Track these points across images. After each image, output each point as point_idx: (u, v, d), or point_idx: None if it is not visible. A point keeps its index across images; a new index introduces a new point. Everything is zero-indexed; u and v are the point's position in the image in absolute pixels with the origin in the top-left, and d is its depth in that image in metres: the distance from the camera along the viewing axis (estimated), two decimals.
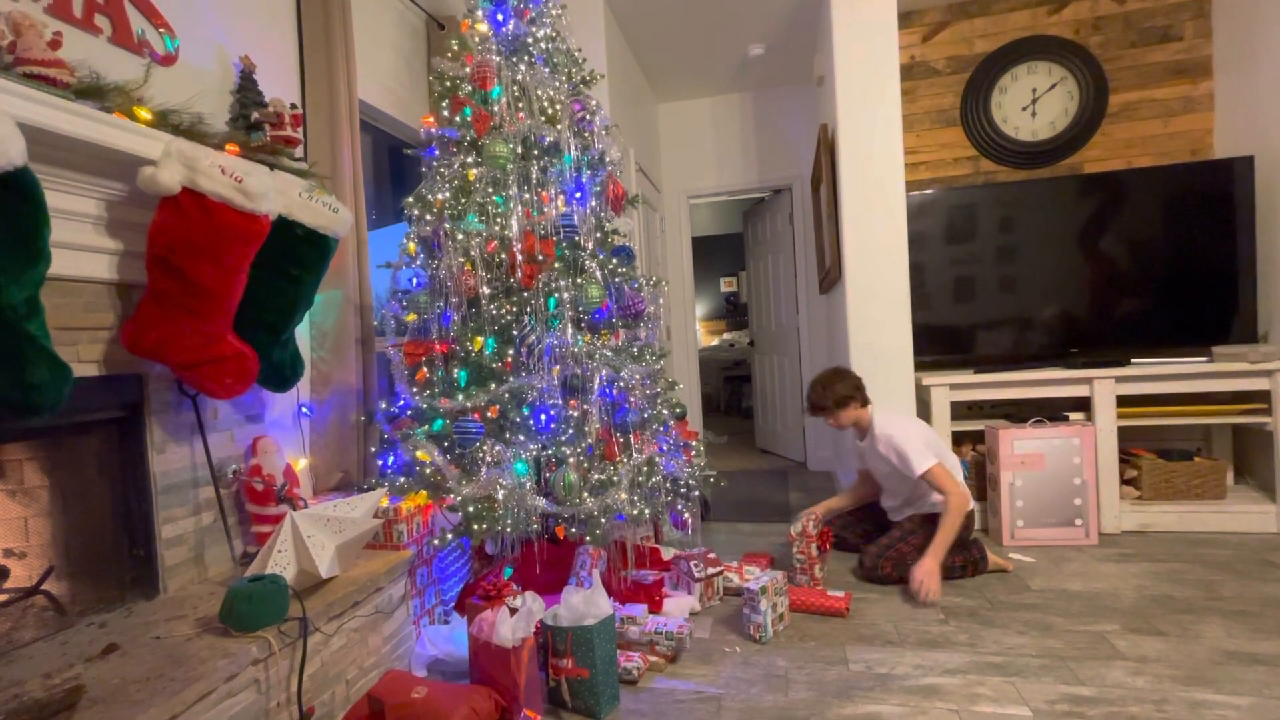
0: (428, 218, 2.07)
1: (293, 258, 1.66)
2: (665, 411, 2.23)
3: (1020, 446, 2.67)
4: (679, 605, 2.14)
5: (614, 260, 2.15)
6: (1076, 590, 2.18)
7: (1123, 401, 2.75)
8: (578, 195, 2.12)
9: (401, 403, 2.04)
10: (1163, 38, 3.10)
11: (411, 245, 2.11)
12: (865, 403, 2.45)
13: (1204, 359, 2.74)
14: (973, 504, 2.31)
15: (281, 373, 1.73)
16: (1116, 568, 2.36)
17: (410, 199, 2.11)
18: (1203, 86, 3.07)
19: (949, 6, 3.28)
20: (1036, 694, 1.60)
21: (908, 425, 2.36)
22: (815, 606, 2.09)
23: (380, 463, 2.06)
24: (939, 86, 3.32)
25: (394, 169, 2.89)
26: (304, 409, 2.03)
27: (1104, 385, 2.72)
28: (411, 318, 2.08)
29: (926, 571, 2.12)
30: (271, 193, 1.48)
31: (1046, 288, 2.94)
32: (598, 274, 2.03)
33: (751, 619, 1.94)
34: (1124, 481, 2.82)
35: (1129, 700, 1.55)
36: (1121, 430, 2.76)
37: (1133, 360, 2.80)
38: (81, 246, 1.37)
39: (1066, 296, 2.92)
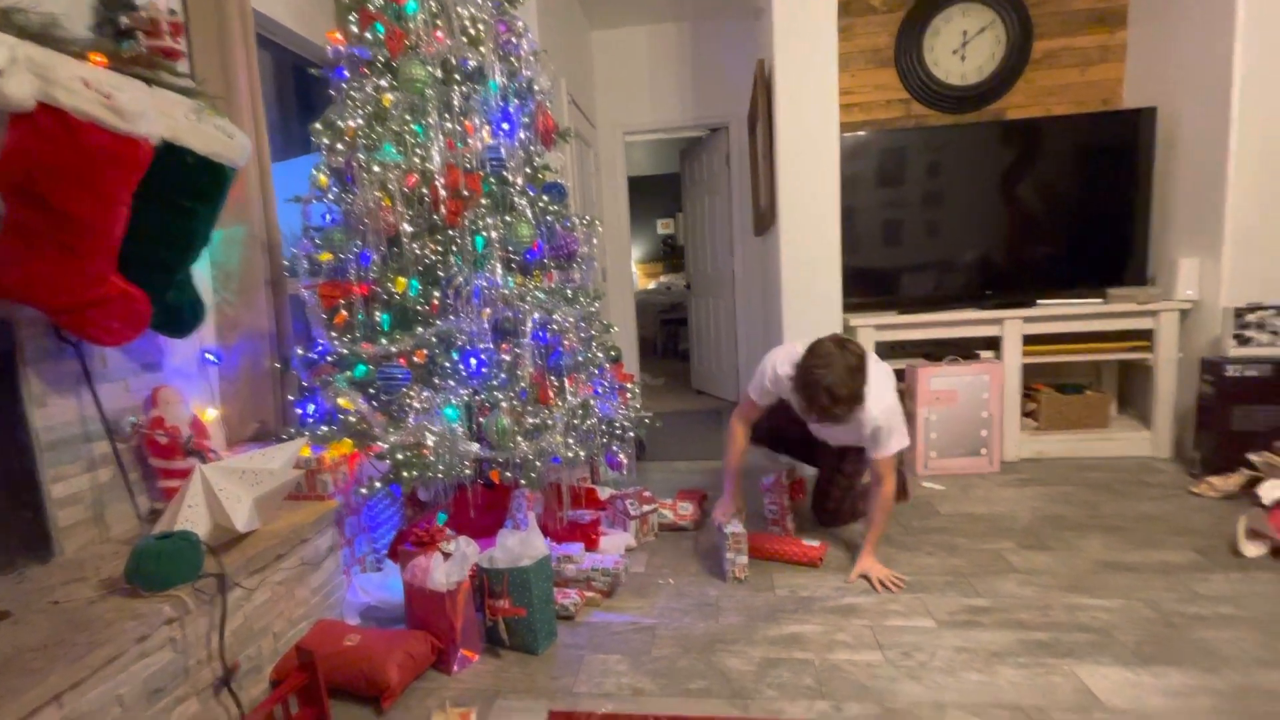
0: (339, 147, 1.91)
1: (184, 189, 1.49)
2: (600, 354, 2.21)
3: (936, 384, 2.83)
4: (615, 543, 2.19)
5: (545, 198, 2.06)
6: (980, 514, 2.38)
7: (1028, 340, 2.94)
8: (505, 126, 1.99)
9: (319, 348, 1.92)
10: None
11: (322, 177, 1.94)
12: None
13: (1100, 300, 2.95)
14: None
15: (180, 316, 1.59)
16: (1015, 492, 2.58)
17: (318, 125, 1.93)
18: (1118, 36, 3.18)
19: None
20: (940, 607, 1.75)
21: (894, 399, 1.93)
22: (790, 555, 2.05)
23: (300, 411, 1.96)
24: (875, 25, 3.29)
25: (300, 92, 2.62)
26: (209, 356, 1.88)
27: (1013, 325, 2.90)
28: (326, 257, 1.94)
29: (873, 569, 1.92)
30: (150, 112, 1.31)
31: (967, 232, 3.05)
32: (528, 212, 1.94)
33: (736, 561, 1.96)
34: (1024, 414, 3.06)
35: (1018, 608, 1.72)
36: (1025, 367, 2.96)
37: (1039, 301, 2.98)
38: None
39: (984, 240, 3.05)
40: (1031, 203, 3.01)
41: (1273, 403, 2.46)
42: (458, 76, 1.96)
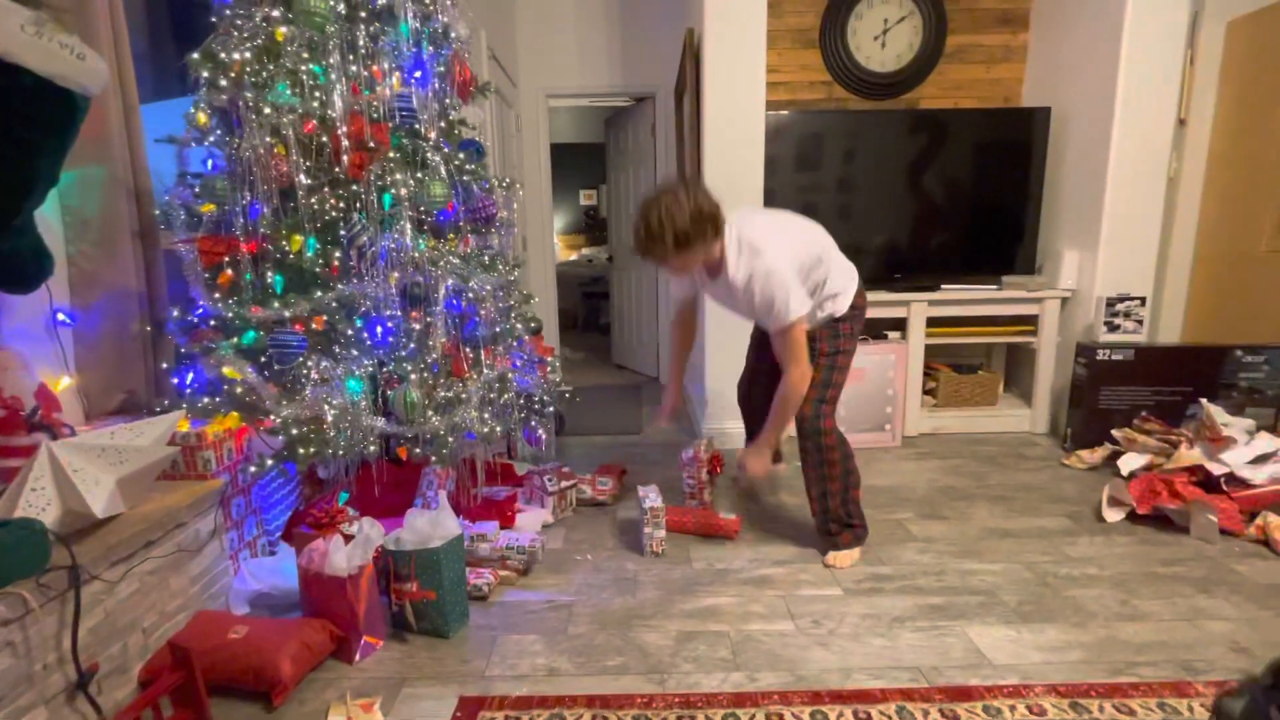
0: (222, 83, 1.68)
1: (21, 116, 1.25)
2: (520, 326, 2.11)
3: None
4: (532, 519, 2.13)
5: (461, 155, 1.92)
6: (883, 485, 2.51)
7: (931, 322, 3.11)
8: (417, 75, 1.83)
9: (200, 310, 1.72)
10: None
11: (202, 116, 1.71)
12: (719, 232, 1.65)
13: (995, 287, 3.16)
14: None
15: (19, 268, 1.35)
16: (914, 465, 2.74)
17: (196, 56, 1.69)
18: (1020, 37, 3.37)
19: None
20: (847, 575, 1.83)
21: (782, 253, 1.66)
22: (707, 528, 2.07)
23: (176, 381, 1.75)
24: (803, 5, 3.30)
25: (177, 21, 2.30)
26: (61, 317, 1.64)
27: (918, 308, 3.05)
28: (209, 208, 1.72)
29: (751, 465, 1.88)
30: None
31: (880, 217, 3.17)
32: (442, 170, 1.80)
33: (654, 535, 1.95)
34: (924, 392, 3.25)
35: (917, 574, 1.83)
36: (927, 347, 3.14)
37: (942, 286, 3.16)
38: None
39: (895, 226, 3.18)
40: (936, 192, 3.16)
41: (1135, 384, 2.74)
42: (363, 14, 1.77)
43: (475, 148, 1.97)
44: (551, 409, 2.24)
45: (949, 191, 3.15)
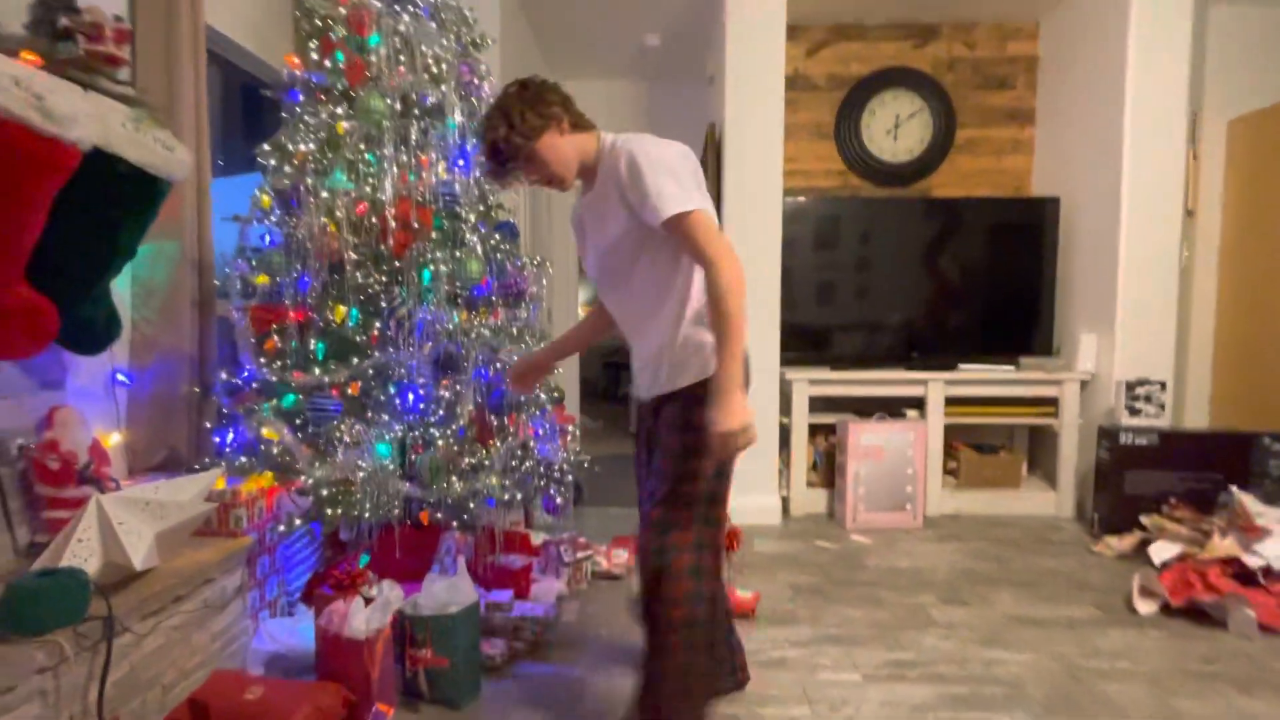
0: (287, 169, 1.86)
1: (112, 199, 1.41)
2: (543, 395, 2.19)
3: (866, 439, 2.95)
4: (546, 590, 2.13)
5: (497, 235, 2.07)
6: (903, 567, 2.46)
7: (950, 401, 3.13)
8: (460, 163, 2.00)
9: (245, 373, 1.82)
10: (1001, 85, 3.53)
11: (266, 198, 1.89)
12: (582, 124, 1.33)
13: (1013, 368, 3.19)
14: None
15: (91, 332, 1.48)
16: (935, 547, 2.69)
17: (266, 146, 1.88)
18: (1028, 132, 3.55)
19: (832, 27, 3.50)
20: (867, 660, 1.78)
21: (673, 149, 1.26)
22: None
23: (217, 440, 1.83)
24: (818, 101, 3.54)
25: (247, 110, 2.56)
26: (121, 377, 1.75)
27: (936, 387, 3.08)
28: (262, 279, 1.86)
29: (721, 419, 1.15)
30: (83, 117, 1.24)
31: (894, 297, 3.25)
32: (479, 249, 1.94)
33: None
34: (946, 471, 3.22)
35: (939, 661, 1.78)
36: (947, 426, 3.14)
37: (960, 366, 3.19)
38: None
39: (910, 306, 3.26)
40: (952, 274, 3.25)
41: (1161, 469, 2.69)
42: (417, 111, 1.96)
43: (510, 229, 2.12)
44: (570, 478, 2.27)
45: (964, 274, 3.24)
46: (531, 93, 1.29)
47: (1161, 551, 2.30)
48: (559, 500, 2.31)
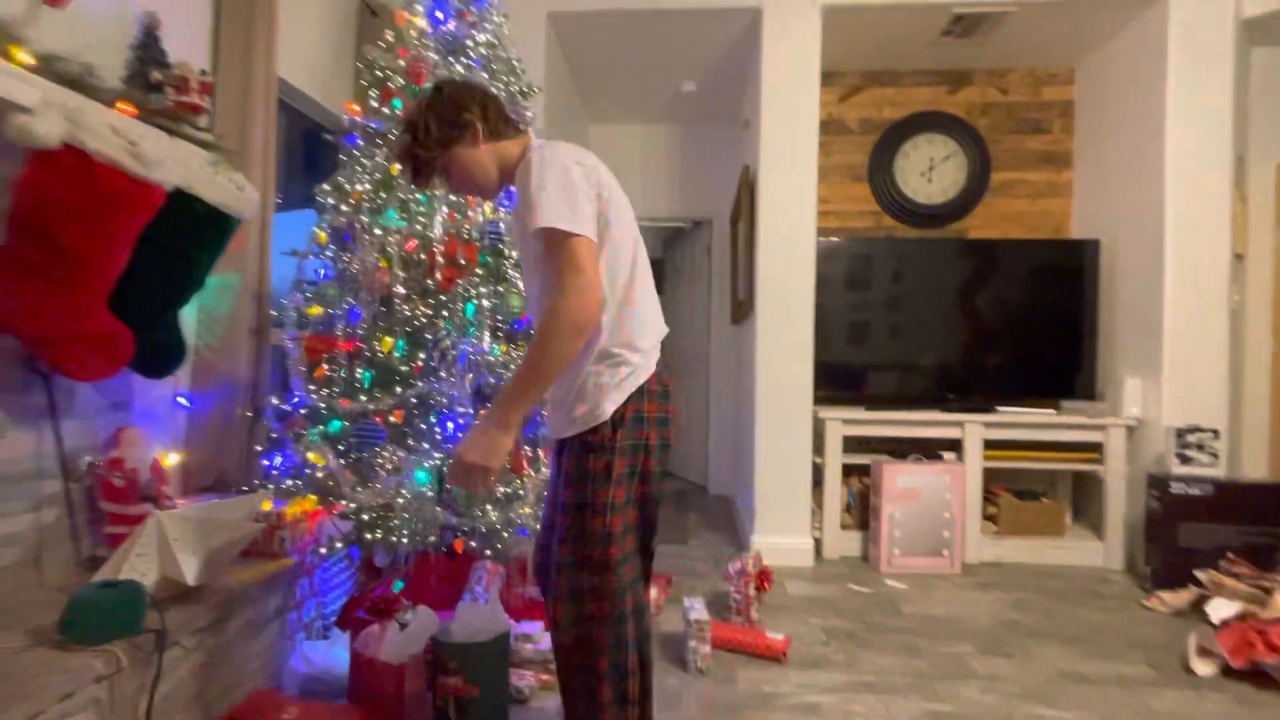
0: (343, 208, 1.98)
1: (188, 235, 1.52)
2: None
3: (901, 481, 2.89)
4: None
5: None
6: (941, 615, 2.38)
7: (988, 445, 3.05)
8: (505, 203, 2.10)
9: (296, 399, 1.91)
10: (1036, 129, 3.54)
11: (323, 234, 2.00)
12: (503, 132, 1.25)
13: (1054, 411, 3.11)
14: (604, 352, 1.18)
15: (160, 357, 1.58)
16: (975, 595, 2.60)
17: (326, 186, 2.00)
18: (1064, 175, 3.54)
19: (865, 73, 3.58)
20: (903, 711, 1.72)
21: (567, 155, 1.15)
22: (752, 647, 1.99)
23: (266, 463, 1.91)
24: (851, 144, 3.60)
25: (307, 152, 2.73)
26: (181, 399, 1.85)
27: (973, 429, 3.02)
28: (315, 310, 1.96)
29: (465, 451, 1.11)
30: (169, 161, 1.36)
31: (930, 337, 3.23)
32: (520, 284, 2.01)
33: (699, 650, 1.89)
34: (985, 517, 3.12)
35: (981, 715, 1.70)
36: (985, 470, 3.06)
37: (997, 408, 3.12)
38: None
39: (947, 346, 3.23)
40: (988, 315, 3.21)
41: (1217, 521, 2.57)
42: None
43: None
44: None
45: (1001, 316, 3.21)
46: (444, 101, 1.22)
47: (1220, 609, 2.18)
48: None
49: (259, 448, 1.96)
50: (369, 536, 1.74)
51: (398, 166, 1.35)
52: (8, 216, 1.26)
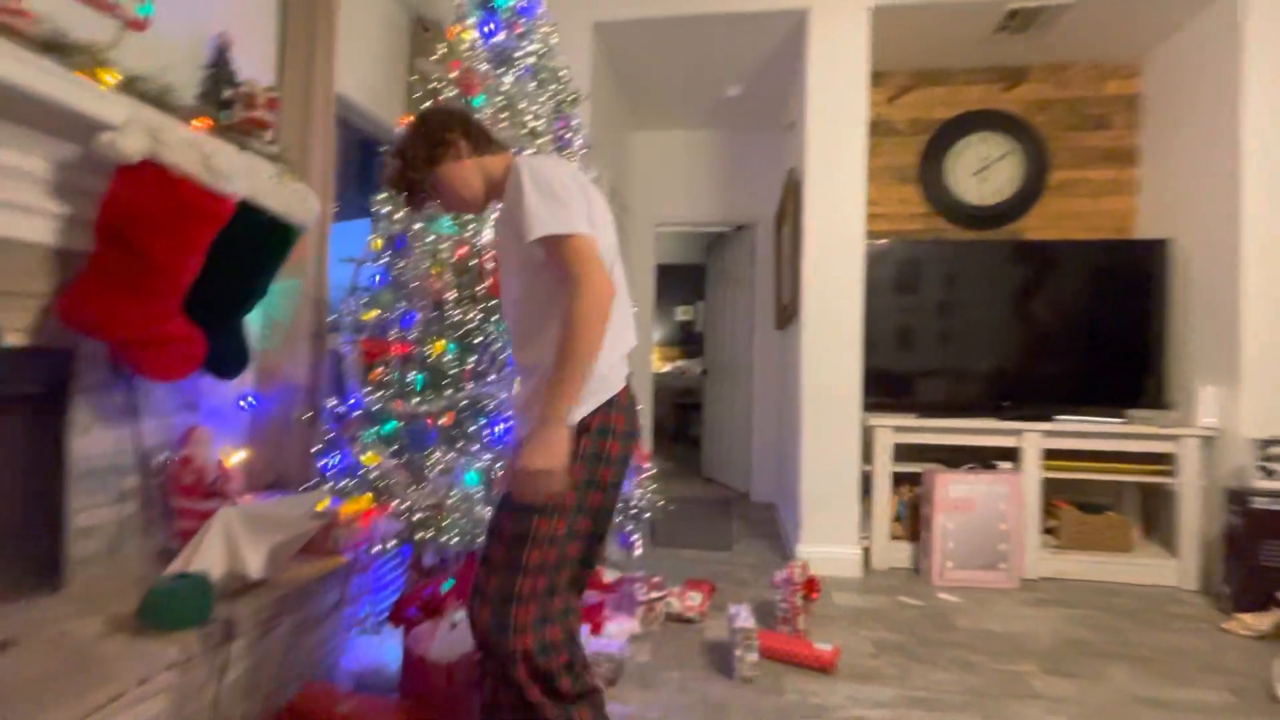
0: (397, 216, 2.04)
1: (254, 243, 1.60)
2: None
3: (954, 491, 2.79)
4: (620, 628, 2.12)
5: None
6: (998, 631, 2.28)
7: (1046, 454, 2.92)
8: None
9: (351, 402, 1.97)
10: (1097, 125, 3.39)
11: (378, 242, 2.07)
12: (487, 148, 1.31)
13: (1119, 420, 2.95)
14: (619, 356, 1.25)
15: (228, 360, 1.65)
16: (1035, 611, 2.48)
17: (380, 195, 2.07)
18: (1129, 172, 3.37)
19: (914, 73, 3.50)
20: None
21: (555, 164, 1.22)
22: (799, 657, 1.95)
23: (323, 463, 1.98)
24: (900, 145, 3.52)
25: (363, 163, 2.83)
26: (246, 400, 1.94)
27: (1031, 438, 2.89)
28: (371, 315, 2.02)
29: (530, 460, 1.08)
30: (239, 174, 1.43)
31: (984, 342, 3.12)
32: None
33: (745, 659, 1.87)
34: (1044, 530, 2.98)
35: None
36: (1044, 481, 2.92)
37: (1056, 416, 2.99)
38: (23, 206, 1.28)
39: (1001, 352, 3.11)
40: (1047, 320, 3.08)
41: None
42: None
43: None
44: (647, 516, 2.28)
45: (1061, 320, 3.07)
46: (428, 126, 1.30)
47: None
48: (634, 538, 2.31)
49: (317, 448, 2.03)
50: (420, 536, 1.78)
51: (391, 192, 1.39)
52: (95, 227, 1.35)
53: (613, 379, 1.22)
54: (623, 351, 1.26)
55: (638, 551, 2.39)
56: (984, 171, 3.43)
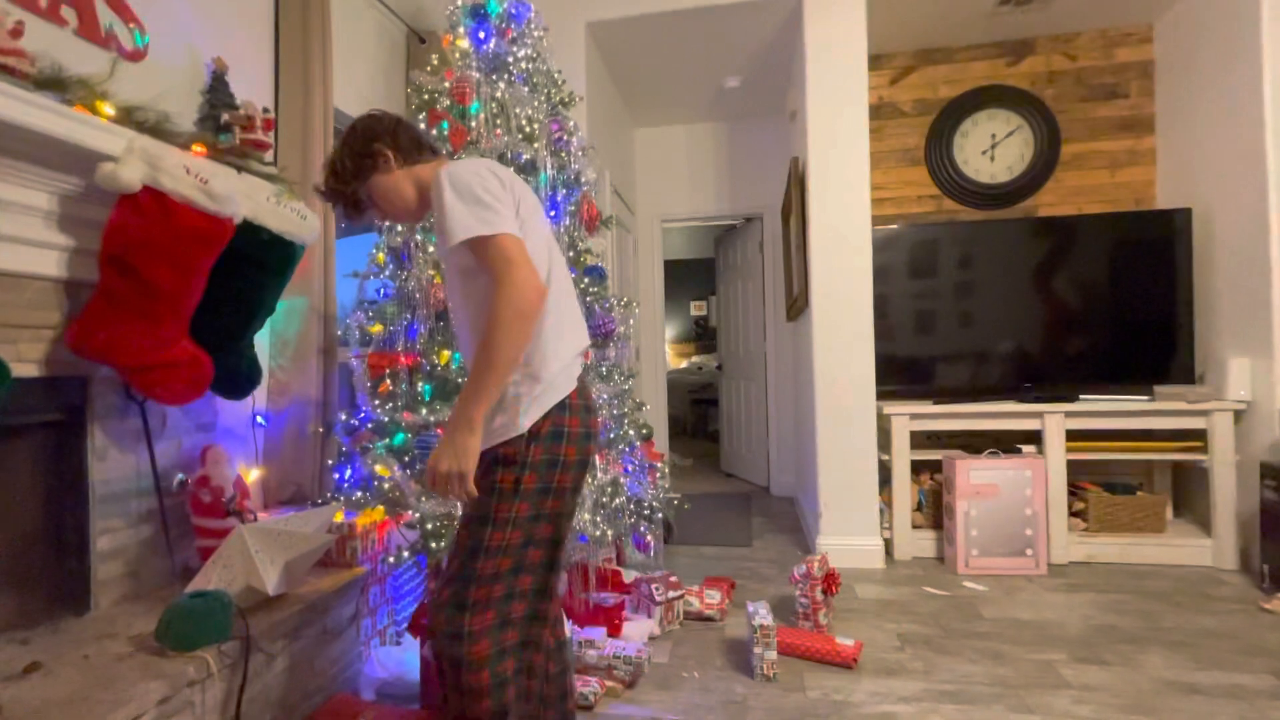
0: (399, 228, 2.05)
1: (257, 263, 1.62)
2: (632, 432, 2.22)
3: (976, 476, 2.74)
4: (639, 629, 2.11)
5: (586, 279, 2.16)
6: (1026, 619, 2.23)
7: (1071, 436, 2.85)
8: (552, 213, 2.12)
9: (362, 415, 1.99)
10: (1110, 94, 3.29)
11: (381, 255, 2.08)
12: (418, 157, 1.31)
13: (1146, 398, 2.87)
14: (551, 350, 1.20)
15: (238, 380, 1.67)
16: (1064, 598, 2.42)
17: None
18: (1146, 141, 3.27)
19: (916, 53, 3.43)
20: None
21: (472, 165, 1.18)
22: (821, 654, 1.93)
23: (336, 476, 2.00)
24: (905, 127, 3.46)
25: None
26: (259, 418, 1.96)
27: (1054, 420, 2.82)
28: (377, 328, 2.04)
29: (440, 460, 1.09)
30: (237, 196, 1.45)
31: (1002, 323, 3.05)
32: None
33: (765, 656, 1.86)
34: (1072, 514, 2.91)
35: None
36: (1070, 463, 2.85)
37: (1081, 396, 2.91)
38: (30, 241, 1.31)
39: (1020, 333, 3.04)
40: (1068, 298, 3.01)
41: None
42: (511, 168, 2.11)
43: (599, 272, 2.21)
44: (660, 515, 2.27)
45: (1081, 297, 2.99)
46: (357, 136, 1.30)
47: None
48: (649, 538, 2.31)
49: (330, 462, 2.05)
50: (434, 545, 1.79)
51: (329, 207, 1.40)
52: (100, 256, 1.37)
53: (562, 382, 1.20)
54: (574, 352, 1.24)
55: (652, 552, 2.38)
56: (993, 149, 3.36)
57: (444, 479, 1.08)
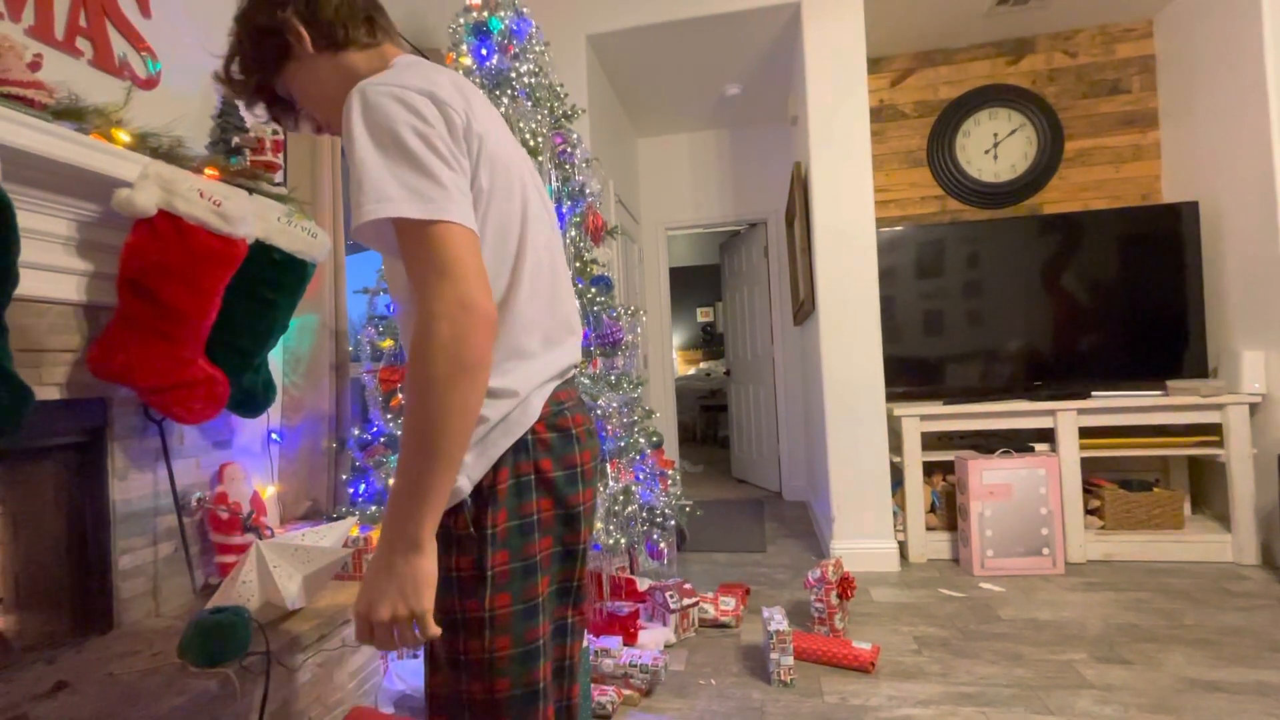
0: None
1: (269, 282, 1.64)
2: (642, 440, 2.23)
3: (989, 477, 2.72)
4: (654, 637, 2.11)
5: (593, 289, 2.17)
6: (1045, 619, 2.22)
7: (1085, 433, 2.83)
8: (557, 225, 2.14)
9: (375, 429, 2.01)
10: (1112, 90, 3.29)
11: None
12: (340, 39, 0.85)
13: (1159, 392, 2.85)
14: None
15: (253, 398, 1.70)
16: (1083, 597, 2.40)
17: None
18: (1150, 136, 3.26)
19: (915, 54, 3.45)
20: None
21: (414, 85, 0.72)
22: (838, 658, 1.93)
23: (351, 491, 2.02)
24: (906, 129, 3.47)
25: None
26: (274, 435, 1.99)
27: (1066, 417, 2.81)
28: (388, 343, 2.06)
29: (361, 597, 0.69)
30: (250, 217, 1.47)
31: (1011, 322, 3.04)
32: (577, 303, 2.04)
33: (781, 662, 1.85)
34: (1088, 511, 2.89)
35: None
36: (1084, 461, 2.83)
37: (1093, 393, 2.90)
38: (50, 267, 1.34)
39: (1030, 331, 3.03)
40: (1077, 294, 3.00)
41: None
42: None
43: (605, 282, 2.22)
44: (672, 522, 2.27)
45: (1090, 294, 2.98)
46: (254, 11, 0.87)
47: None
48: (662, 545, 2.31)
49: (344, 476, 2.07)
50: None
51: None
52: (117, 280, 1.40)
53: (521, 416, 0.78)
54: (551, 374, 0.83)
55: (666, 560, 2.38)
56: (995, 148, 3.36)
57: (385, 629, 0.68)
